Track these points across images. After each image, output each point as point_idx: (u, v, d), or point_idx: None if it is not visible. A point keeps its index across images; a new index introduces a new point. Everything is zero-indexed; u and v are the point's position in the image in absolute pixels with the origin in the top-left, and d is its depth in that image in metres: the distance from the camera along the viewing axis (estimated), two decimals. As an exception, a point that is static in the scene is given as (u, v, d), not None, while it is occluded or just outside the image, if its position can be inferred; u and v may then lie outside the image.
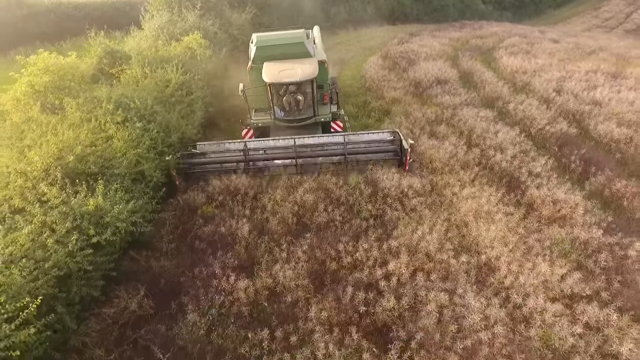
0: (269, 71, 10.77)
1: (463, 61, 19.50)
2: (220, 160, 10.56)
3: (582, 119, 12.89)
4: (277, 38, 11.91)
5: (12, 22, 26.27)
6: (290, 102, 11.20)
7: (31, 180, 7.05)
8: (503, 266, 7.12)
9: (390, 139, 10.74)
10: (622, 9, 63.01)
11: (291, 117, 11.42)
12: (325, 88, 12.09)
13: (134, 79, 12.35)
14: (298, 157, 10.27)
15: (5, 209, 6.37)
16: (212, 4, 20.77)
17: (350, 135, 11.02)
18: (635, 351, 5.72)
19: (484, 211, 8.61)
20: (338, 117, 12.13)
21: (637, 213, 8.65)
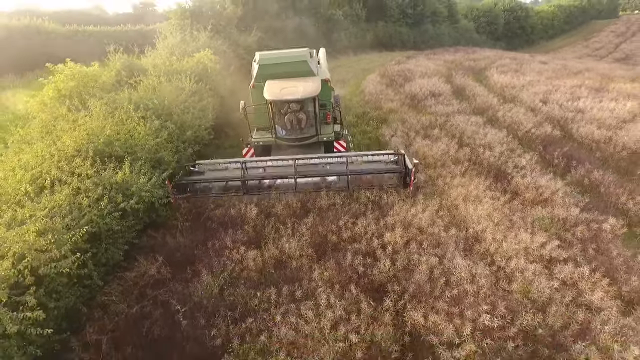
0: (270, 89, 10.58)
1: (456, 78, 20.75)
2: (217, 179, 10.29)
3: (565, 124, 13.87)
4: (280, 57, 11.75)
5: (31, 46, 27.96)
6: (292, 121, 10.99)
7: (65, 158, 7.90)
8: (488, 237, 7.85)
9: (393, 159, 10.40)
10: (611, 40, 65.81)
11: (293, 136, 11.17)
12: (328, 107, 11.89)
13: (151, 86, 13.43)
14: (298, 176, 10.01)
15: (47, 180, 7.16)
16: (222, 27, 22.35)
17: (353, 155, 10.65)
18: (606, 300, 6.38)
19: (473, 196, 9.41)
20: (341, 136, 11.99)
21: (612, 197, 9.41)
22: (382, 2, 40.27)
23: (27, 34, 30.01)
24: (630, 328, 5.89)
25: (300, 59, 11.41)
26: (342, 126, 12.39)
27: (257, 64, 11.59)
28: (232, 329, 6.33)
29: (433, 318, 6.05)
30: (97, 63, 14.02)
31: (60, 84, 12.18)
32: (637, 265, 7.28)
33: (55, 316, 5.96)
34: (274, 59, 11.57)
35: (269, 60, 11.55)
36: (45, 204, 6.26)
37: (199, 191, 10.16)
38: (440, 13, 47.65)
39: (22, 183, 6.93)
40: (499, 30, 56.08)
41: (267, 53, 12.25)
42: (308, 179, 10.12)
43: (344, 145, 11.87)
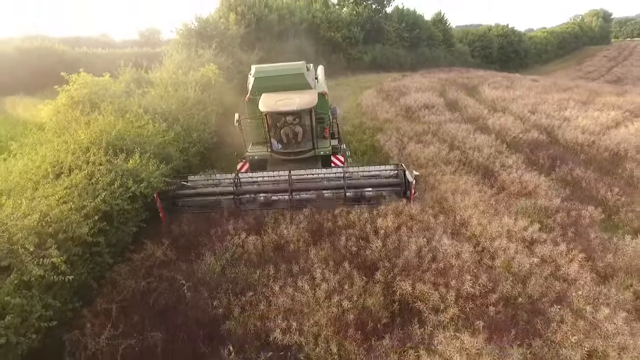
0: (265, 101, 10.31)
1: (449, 93, 21.66)
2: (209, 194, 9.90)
3: (552, 130, 14.58)
4: (276, 69, 11.52)
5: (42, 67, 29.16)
6: (288, 134, 10.70)
7: (80, 150, 8.53)
8: (474, 222, 8.38)
9: (393, 173, 10.11)
10: (604, 64, 67.69)
11: (289, 150, 10.86)
12: (325, 121, 11.63)
13: (159, 95, 14.23)
14: (293, 191, 9.64)
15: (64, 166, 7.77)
16: (225, 45, 23.44)
17: (351, 170, 10.27)
18: (581, 272, 6.85)
19: (461, 189, 9.98)
20: (339, 151, 11.67)
21: (592, 190, 9.97)
22: (380, 26, 41.95)
23: (39, 55, 31.30)
24: (602, 294, 6.34)
25: (297, 72, 11.15)
26: (340, 140, 12.06)
27: (253, 76, 11.33)
28: (233, 300, 6.77)
29: (420, 287, 6.51)
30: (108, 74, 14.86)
31: (73, 92, 12.92)
32: (612, 245, 7.76)
33: (68, 287, 6.42)
34: (270, 72, 11.35)
35: (265, 73, 11.30)
36: (64, 184, 6.83)
37: (188, 207, 9.76)
38: (436, 37, 49.46)
39: (41, 168, 7.54)
40: (494, 54, 57.81)
41: (263, 66, 11.98)
42: (304, 194, 9.74)
43: (341, 160, 11.34)
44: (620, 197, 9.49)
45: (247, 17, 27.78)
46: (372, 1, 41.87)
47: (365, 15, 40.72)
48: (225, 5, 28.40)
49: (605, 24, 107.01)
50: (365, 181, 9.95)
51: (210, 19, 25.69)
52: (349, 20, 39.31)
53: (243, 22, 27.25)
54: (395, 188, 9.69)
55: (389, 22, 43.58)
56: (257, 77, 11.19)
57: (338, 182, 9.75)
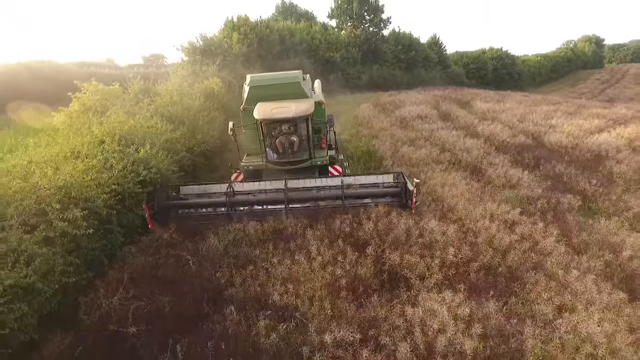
0: (260, 109, 10.01)
1: (443, 106, 22.58)
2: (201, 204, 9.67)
3: (538, 136, 15.35)
4: (272, 78, 11.30)
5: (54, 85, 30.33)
6: (284, 144, 10.33)
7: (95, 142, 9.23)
8: (460, 207, 8.99)
9: (393, 182, 9.75)
10: (597, 86, 69.37)
11: (285, 160, 10.50)
12: (322, 131, 11.36)
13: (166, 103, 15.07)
14: (289, 201, 9.34)
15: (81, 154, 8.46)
16: (228, 62, 24.56)
17: (349, 178, 9.97)
18: (556, 245, 7.41)
19: (450, 183, 10.62)
20: (337, 161, 11.43)
21: (572, 183, 10.61)
22: (377, 47, 43.53)
23: (49, 74, 32.58)
24: (574, 261, 6.90)
25: (293, 81, 10.86)
26: (337, 151, 11.89)
27: (248, 85, 11.04)
28: (235, 272, 7.31)
29: (407, 258, 7.07)
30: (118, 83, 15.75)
31: (85, 99, 13.75)
32: (588, 226, 8.35)
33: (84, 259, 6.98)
34: (265, 81, 11.07)
35: (260, 81, 11.02)
36: (82, 165, 7.50)
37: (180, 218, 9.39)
38: (431, 59, 51.07)
39: (59, 155, 8.22)
40: (488, 76, 59.27)
41: (258, 75, 11.76)
42: (300, 205, 9.48)
43: (339, 170, 11.06)
44: (598, 188, 10.12)
45: (249, 37, 29.12)
46: (369, 24, 43.62)
47: (362, 37, 42.36)
48: (229, 26, 29.82)
49: (598, 49, 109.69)
50: (364, 190, 9.62)
51: (215, 38, 26.97)
52: (347, 42, 40.90)
53: (245, 42, 28.56)
54: (395, 199, 9.42)
55: (386, 44, 45.22)
56: (252, 86, 10.90)
57: (336, 192, 9.42)
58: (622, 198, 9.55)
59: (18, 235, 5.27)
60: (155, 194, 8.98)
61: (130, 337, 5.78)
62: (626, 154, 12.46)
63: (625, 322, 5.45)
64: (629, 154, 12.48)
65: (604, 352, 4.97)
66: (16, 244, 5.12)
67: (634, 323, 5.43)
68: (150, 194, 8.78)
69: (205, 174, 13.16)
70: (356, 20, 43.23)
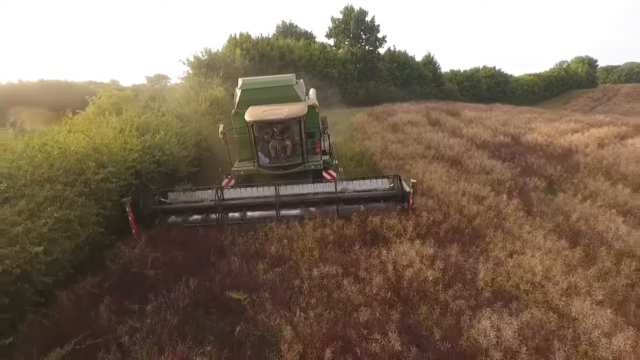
0: (252, 111, 9.71)
1: (433, 114, 23.99)
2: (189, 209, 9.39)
3: (517, 136, 16.63)
4: (264, 81, 11.06)
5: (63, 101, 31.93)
6: (277, 148, 10.08)
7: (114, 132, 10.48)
8: (437, 187, 10.15)
9: (389, 186, 9.49)
10: (588, 104, 71.22)
11: (277, 164, 10.19)
12: (316, 136, 11.05)
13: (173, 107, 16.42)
14: (281, 207, 9.09)
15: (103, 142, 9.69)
16: (230, 74, 26.08)
17: (343, 183, 9.66)
18: (516, 212, 8.55)
19: (431, 171, 11.81)
20: (331, 166, 11.24)
21: (541, 170, 11.80)
22: (373, 64, 45.47)
23: (59, 89, 34.28)
24: (529, 222, 8.04)
25: (286, 84, 10.64)
26: (331, 156, 11.74)
27: (240, 89, 10.77)
28: (237, 236, 8.42)
29: (387, 221, 8.19)
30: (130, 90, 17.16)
31: (100, 103, 15.11)
32: (547, 200, 9.50)
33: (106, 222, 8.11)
34: (257, 84, 10.82)
35: (252, 85, 10.77)
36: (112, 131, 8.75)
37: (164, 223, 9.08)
38: (426, 76, 53.04)
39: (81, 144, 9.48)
40: (482, 94, 61.08)
41: (250, 78, 11.50)
42: (292, 210, 9.22)
43: (333, 175, 10.63)
44: (563, 174, 11.30)
45: (251, 52, 30.88)
46: (365, 43, 45.69)
47: (359, 55, 44.34)
48: (232, 42, 31.64)
49: (591, 69, 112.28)
50: (360, 195, 9.36)
51: (219, 53, 28.67)
52: (344, 59, 42.82)
53: (247, 57, 30.29)
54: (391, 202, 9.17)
55: (382, 62, 47.19)
56: (244, 89, 10.65)
57: (330, 197, 9.16)
58: (583, 181, 10.71)
59: (62, 186, 6.44)
60: (141, 198, 8.78)
61: (150, 277, 6.86)
62: (593, 148, 13.71)
63: (562, 259, 6.55)
64: (595, 148, 13.73)
65: (541, 278, 6.07)
66: (61, 191, 6.29)
67: (569, 260, 6.53)
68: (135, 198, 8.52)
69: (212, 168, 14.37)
70: (353, 39, 45.30)
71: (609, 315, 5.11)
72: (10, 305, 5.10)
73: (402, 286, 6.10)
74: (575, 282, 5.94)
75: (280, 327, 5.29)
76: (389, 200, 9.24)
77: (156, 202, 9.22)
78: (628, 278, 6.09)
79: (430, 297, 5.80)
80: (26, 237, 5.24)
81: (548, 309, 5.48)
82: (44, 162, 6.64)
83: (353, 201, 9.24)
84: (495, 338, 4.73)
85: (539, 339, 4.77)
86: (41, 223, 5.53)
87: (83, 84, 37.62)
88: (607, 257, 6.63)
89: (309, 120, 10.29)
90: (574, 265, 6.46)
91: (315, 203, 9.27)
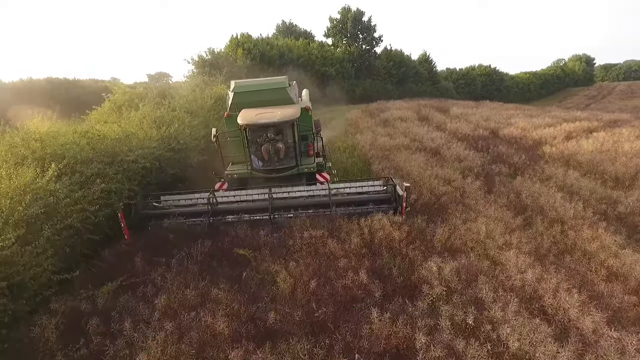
0: (245, 114, 9.66)
1: (423, 111, 25.57)
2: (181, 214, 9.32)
3: (496, 130, 18.20)
4: (257, 84, 10.94)
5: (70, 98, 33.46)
6: (270, 151, 10.04)
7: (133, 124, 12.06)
8: (414, 172, 11.75)
9: (382, 188, 9.71)
10: (583, 101, 72.49)
11: (271, 167, 10.21)
12: (309, 139, 11.12)
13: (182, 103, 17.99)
14: (274, 210, 9.24)
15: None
16: (233, 74, 27.62)
17: (337, 185, 9.89)
18: (478, 191, 10.15)
19: (412, 159, 13.40)
20: (324, 169, 11.35)
21: (509, 158, 13.39)
22: (370, 63, 47.07)
23: (68, 87, 35.87)
24: (486, 198, 9.65)
25: (279, 86, 10.60)
26: (325, 158, 11.99)
27: (232, 91, 10.69)
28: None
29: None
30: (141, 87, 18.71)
31: (115, 99, 16.65)
32: (508, 182, 11.09)
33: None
34: (250, 87, 10.75)
35: (244, 87, 10.71)
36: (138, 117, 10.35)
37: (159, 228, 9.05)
38: (421, 74, 54.64)
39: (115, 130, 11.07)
40: (477, 91, 62.68)
41: (243, 81, 11.41)
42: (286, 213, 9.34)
43: (327, 178, 10.75)
44: (527, 162, 12.89)
45: (252, 52, 32.43)
46: (362, 42, 47.27)
47: (356, 54, 45.91)
48: (234, 42, 33.21)
49: (588, 67, 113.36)
50: (353, 198, 9.56)
51: (222, 52, 30.21)
52: (342, 58, 44.42)
53: (249, 56, 31.85)
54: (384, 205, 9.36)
55: (378, 60, 48.79)
56: (236, 92, 10.55)
57: (323, 200, 9.35)
58: (542, 167, 12.30)
59: (102, 165, 8.06)
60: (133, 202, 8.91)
61: (171, 239, 8.46)
62: (560, 140, 15.29)
63: (504, 225, 8.16)
64: (562, 140, 15.31)
65: (484, 237, 7.66)
66: (102, 169, 7.90)
67: (509, 225, 8.14)
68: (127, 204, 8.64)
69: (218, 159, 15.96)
70: (350, 39, 46.84)
71: (528, 261, 6.72)
72: (70, 254, 6.71)
73: (374, 243, 7.70)
74: (511, 240, 7.54)
75: (277, 271, 6.89)
76: (382, 203, 9.42)
77: (149, 206, 9.37)
78: (553, 237, 7.70)
79: (395, 250, 7.39)
80: (84, 199, 6.84)
81: (484, 258, 7.08)
82: (87, 146, 8.24)
83: (346, 204, 9.43)
84: (437, 274, 6.33)
85: (470, 274, 6.38)
86: (92, 191, 7.14)
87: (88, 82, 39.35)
88: (541, 224, 8.24)
89: (302, 122, 10.34)
90: (512, 229, 8.07)
91: (308, 206, 9.40)
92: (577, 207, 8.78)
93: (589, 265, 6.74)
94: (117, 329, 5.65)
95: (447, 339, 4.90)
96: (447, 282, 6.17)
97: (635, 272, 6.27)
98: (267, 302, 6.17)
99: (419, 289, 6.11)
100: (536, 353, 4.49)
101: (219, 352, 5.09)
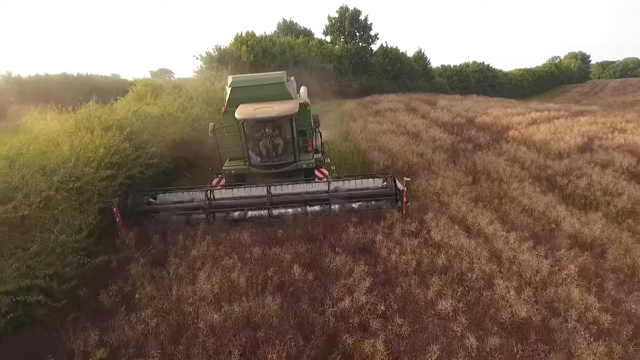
0: (242, 109, 9.61)
1: (412, 103, 28.02)
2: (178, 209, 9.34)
3: (472, 118, 20.67)
4: (255, 79, 10.93)
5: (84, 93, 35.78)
6: (268, 146, 9.97)
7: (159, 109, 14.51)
8: (394, 149, 14.23)
9: (382, 184, 9.65)
10: (574, 98, 74.68)
11: (269, 163, 10.15)
12: (308, 135, 11.05)
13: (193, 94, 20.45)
14: (272, 207, 9.24)
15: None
16: (238, 68, 30.10)
17: (336, 182, 9.76)
18: (442, 163, 12.64)
19: (394, 140, 15.88)
20: (323, 165, 11.39)
21: (475, 139, 15.88)
22: (366, 60, 49.53)
23: (81, 82, 38.30)
24: (449, 165, 12.15)
25: (277, 81, 10.53)
26: (323, 154, 11.88)
27: (230, 86, 10.55)
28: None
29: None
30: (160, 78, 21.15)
31: (138, 90, 19.07)
32: (471, 156, 13.56)
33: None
34: (248, 82, 10.67)
35: (242, 82, 10.60)
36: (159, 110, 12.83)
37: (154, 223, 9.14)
38: (416, 71, 57.02)
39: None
40: (470, 87, 64.84)
41: (240, 76, 11.40)
42: (284, 210, 9.34)
43: (325, 174, 10.77)
44: (490, 142, 15.38)
45: (255, 49, 34.86)
46: (359, 40, 49.75)
47: (353, 51, 48.37)
48: (239, 40, 35.66)
49: (584, 65, 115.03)
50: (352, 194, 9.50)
51: (227, 49, 32.64)
52: (340, 55, 46.87)
53: (252, 53, 34.30)
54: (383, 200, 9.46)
55: (375, 57, 51.25)
56: (234, 87, 10.43)
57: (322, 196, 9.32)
58: (502, 146, 14.79)
59: (149, 135, 10.56)
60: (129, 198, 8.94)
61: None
62: (524, 125, 17.77)
63: (456, 182, 10.67)
64: (526, 126, 17.78)
65: (440, 191, 10.15)
66: (149, 138, 10.41)
67: (460, 182, 10.66)
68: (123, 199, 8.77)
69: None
70: (348, 37, 49.27)
71: (468, 202, 9.22)
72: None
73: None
74: (459, 191, 10.05)
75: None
76: (382, 199, 9.44)
77: (145, 202, 9.37)
78: (490, 190, 10.22)
79: (371, 198, 9.89)
80: (136, 162, 9.39)
81: (436, 201, 9.59)
82: (136, 121, 10.73)
83: (346, 200, 9.39)
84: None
85: (423, 208, 8.89)
86: (146, 152, 9.65)
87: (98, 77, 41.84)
88: (485, 181, 10.76)
89: (300, 118, 10.30)
90: (462, 184, 10.58)
91: (307, 202, 9.41)
92: (514, 170, 11.29)
93: (511, 205, 9.25)
94: (172, 242, 8.16)
95: (397, 238, 7.42)
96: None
97: (539, 207, 8.79)
98: (276, 226, 8.66)
99: (384, 217, 8.62)
100: (450, 241, 7.01)
101: (245, 251, 7.60)
